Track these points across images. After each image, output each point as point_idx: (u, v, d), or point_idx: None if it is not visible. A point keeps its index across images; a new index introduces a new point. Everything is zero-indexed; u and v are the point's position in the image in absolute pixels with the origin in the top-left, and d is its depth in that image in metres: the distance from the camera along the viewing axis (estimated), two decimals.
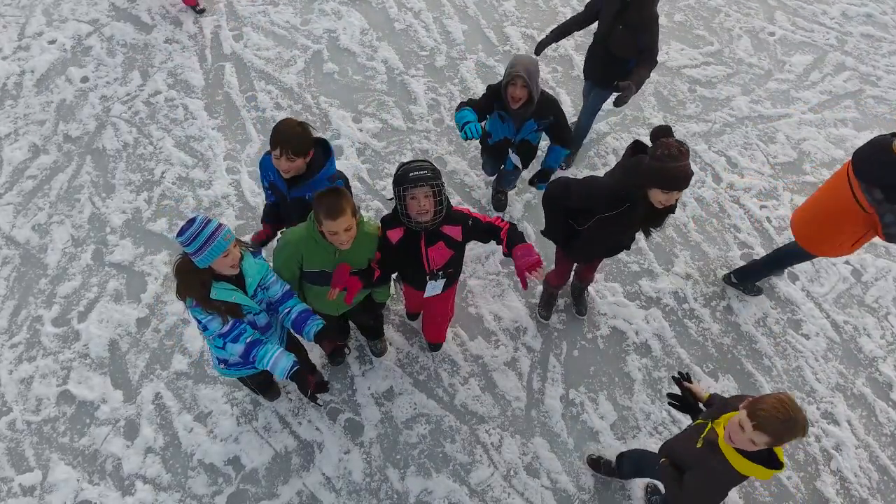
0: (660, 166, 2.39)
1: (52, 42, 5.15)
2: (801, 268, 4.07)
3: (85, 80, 4.91)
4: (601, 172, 4.43)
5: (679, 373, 2.45)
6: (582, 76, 4.18)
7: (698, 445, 2.08)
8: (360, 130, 4.66)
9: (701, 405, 2.36)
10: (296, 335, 2.75)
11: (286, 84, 4.92)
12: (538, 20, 5.49)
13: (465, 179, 4.44)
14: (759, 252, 4.11)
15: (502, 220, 2.68)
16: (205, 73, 4.97)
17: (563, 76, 5.09)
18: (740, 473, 1.97)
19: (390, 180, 3.17)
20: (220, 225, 2.13)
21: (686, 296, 3.92)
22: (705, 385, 3.57)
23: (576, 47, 5.26)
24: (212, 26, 5.28)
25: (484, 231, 2.65)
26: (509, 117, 3.28)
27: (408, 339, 3.72)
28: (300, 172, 2.62)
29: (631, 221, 2.67)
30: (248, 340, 2.33)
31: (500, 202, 4.22)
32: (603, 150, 4.64)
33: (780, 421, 1.76)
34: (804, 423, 1.80)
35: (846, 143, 4.78)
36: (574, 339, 3.75)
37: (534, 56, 3.47)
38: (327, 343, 2.52)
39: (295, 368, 2.35)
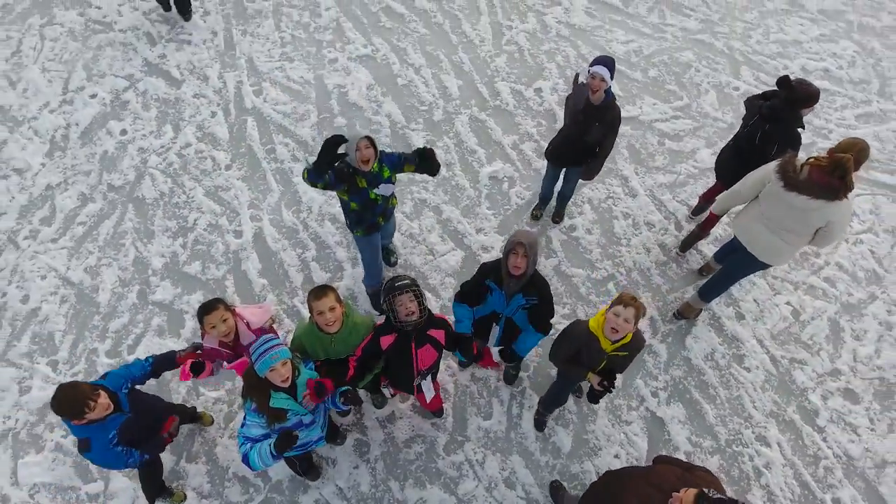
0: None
1: (93, 96, 5.81)
2: (748, 307, 4.72)
3: (123, 132, 5.57)
4: (579, 221, 5.10)
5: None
6: None
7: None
8: None
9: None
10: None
11: (301, 137, 5.57)
12: (526, 76, 6.13)
13: (458, 227, 5.09)
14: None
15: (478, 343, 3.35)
16: (229, 126, 5.63)
17: (546, 129, 5.73)
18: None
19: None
20: (277, 346, 2.71)
21: (645, 333, 4.57)
22: (661, 412, 4.22)
23: (559, 102, 5.90)
24: (234, 81, 5.94)
25: (459, 342, 3.24)
26: (500, 290, 3.28)
27: None
28: None
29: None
30: (248, 447, 2.78)
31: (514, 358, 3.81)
32: (579, 200, 5.28)
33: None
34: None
35: None
36: (547, 373, 4.40)
37: (533, 232, 3.63)
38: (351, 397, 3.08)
39: (273, 452, 2.75)
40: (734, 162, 4.34)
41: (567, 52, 6.30)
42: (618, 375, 3.18)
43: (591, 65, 3.78)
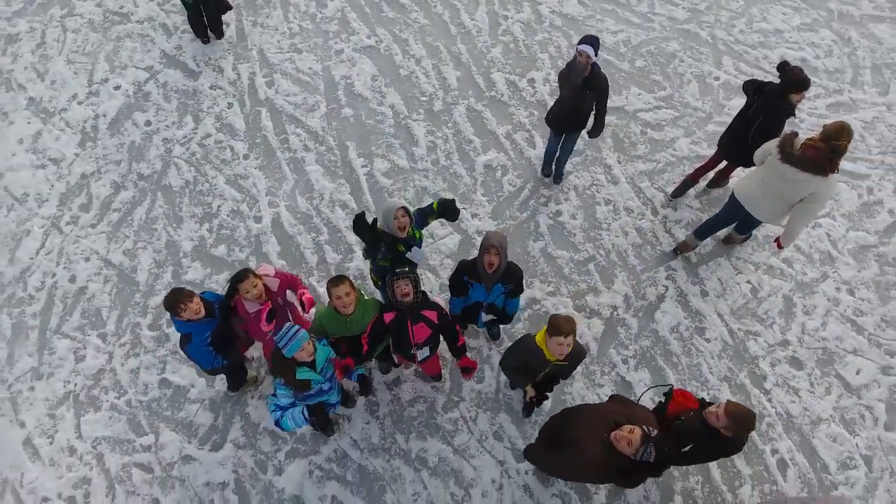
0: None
1: (117, 88, 6.27)
2: (712, 286, 5.32)
3: (148, 123, 6.06)
4: (565, 207, 5.64)
5: None
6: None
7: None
8: (369, 168, 5.84)
9: None
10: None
11: (312, 128, 6.06)
12: (520, 66, 6.55)
13: None
14: (682, 276, 5.35)
15: (464, 336, 3.94)
16: (245, 117, 6.11)
17: (538, 119, 6.20)
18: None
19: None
20: (299, 330, 3.32)
21: (619, 308, 5.19)
22: (631, 376, 4.88)
23: (550, 92, 6.35)
24: (248, 73, 6.38)
25: (449, 332, 3.85)
26: (480, 284, 3.88)
27: None
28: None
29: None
30: (279, 414, 3.49)
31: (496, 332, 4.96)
32: (566, 187, 5.82)
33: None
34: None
35: None
36: None
37: (502, 233, 4.15)
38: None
39: (306, 416, 3.53)
40: (730, 139, 5.03)
41: (559, 43, 6.70)
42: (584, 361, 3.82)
43: (578, 44, 4.47)
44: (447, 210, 4.03)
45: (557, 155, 5.51)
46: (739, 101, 6.34)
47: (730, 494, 4.49)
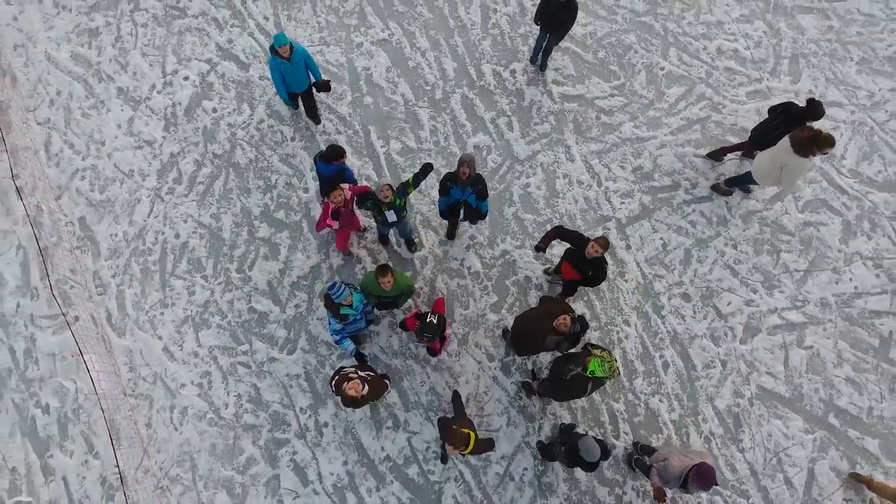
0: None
1: (186, 79, 7.96)
2: (634, 241, 7.39)
3: (214, 110, 7.83)
4: (532, 180, 7.58)
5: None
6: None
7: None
8: (387, 148, 7.71)
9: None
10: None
11: (341, 114, 7.83)
12: (504, 58, 8.16)
13: None
14: (613, 233, 7.40)
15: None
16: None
17: (517, 106, 7.93)
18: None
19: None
20: (344, 289, 5.42)
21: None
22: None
23: (527, 81, 8.01)
24: None
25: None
26: (457, 186, 6.02)
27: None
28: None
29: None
30: (338, 337, 5.73)
31: (452, 233, 7.23)
32: (535, 164, 7.70)
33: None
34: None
35: (685, 158, 7.80)
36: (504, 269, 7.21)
37: (472, 154, 6.30)
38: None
39: (354, 352, 5.86)
40: (759, 138, 6.93)
41: (536, 35, 8.23)
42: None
43: None
44: (419, 179, 6.03)
45: (544, 47, 7.54)
46: (676, 90, 8.06)
47: (626, 382, 6.88)
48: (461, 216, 6.61)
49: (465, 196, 6.13)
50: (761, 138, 6.87)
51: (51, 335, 6.87)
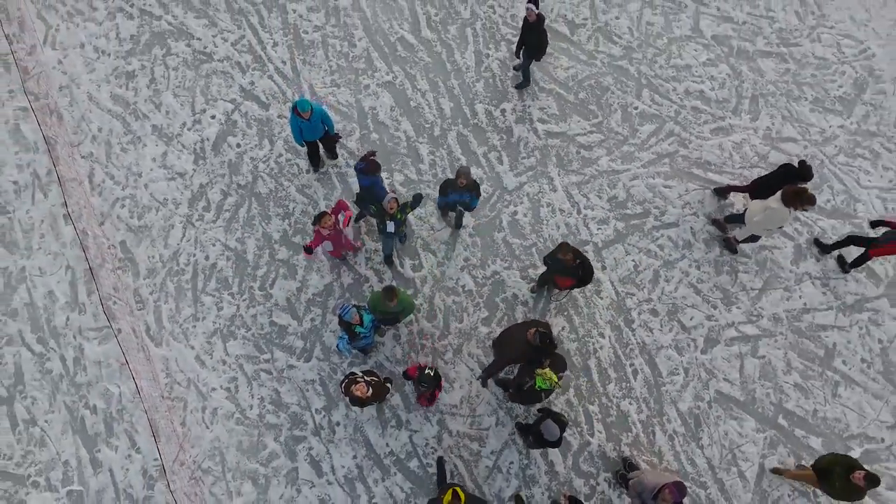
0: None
1: (213, 117, 8.98)
2: (609, 262, 8.39)
3: (238, 146, 8.85)
4: (520, 209, 8.59)
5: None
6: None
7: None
8: (391, 180, 8.71)
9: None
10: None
11: (351, 149, 8.85)
12: (495, 98, 9.18)
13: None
14: (592, 254, 8.39)
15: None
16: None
17: (506, 143, 8.94)
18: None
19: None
20: (351, 308, 6.42)
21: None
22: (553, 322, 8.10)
23: (516, 120, 9.02)
24: None
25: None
26: (456, 192, 7.26)
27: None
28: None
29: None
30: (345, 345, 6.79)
31: (459, 222, 8.34)
32: (521, 194, 8.70)
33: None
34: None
35: (655, 189, 8.81)
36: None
37: (468, 167, 7.39)
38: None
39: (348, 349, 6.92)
40: (760, 188, 7.95)
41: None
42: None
43: (527, 3, 7.80)
44: (414, 205, 7.17)
45: (523, 69, 8.83)
46: (648, 128, 9.08)
47: (601, 387, 7.86)
48: (457, 211, 7.94)
49: (461, 198, 7.38)
50: (761, 189, 7.91)
51: (97, 345, 7.86)
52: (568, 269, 6.85)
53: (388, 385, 7.20)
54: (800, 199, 7.04)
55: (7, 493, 7.27)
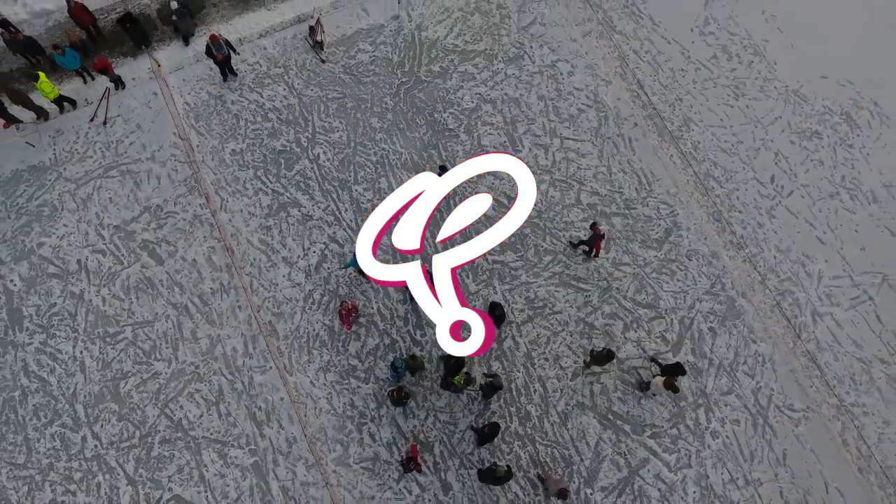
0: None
1: (314, 252, 16.75)
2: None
3: (327, 268, 16.58)
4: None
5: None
6: None
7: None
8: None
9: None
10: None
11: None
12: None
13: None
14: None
15: None
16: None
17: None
18: None
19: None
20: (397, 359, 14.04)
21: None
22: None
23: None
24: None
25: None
26: None
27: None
28: None
29: None
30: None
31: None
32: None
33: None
34: None
35: None
36: None
37: None
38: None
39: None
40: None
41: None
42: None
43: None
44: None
45: None
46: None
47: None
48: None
49: None
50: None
51: (260, 375, 15.42)
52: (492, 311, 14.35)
53: (408, 395, 14.66)
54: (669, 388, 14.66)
55: (222, 450, 14.69)
